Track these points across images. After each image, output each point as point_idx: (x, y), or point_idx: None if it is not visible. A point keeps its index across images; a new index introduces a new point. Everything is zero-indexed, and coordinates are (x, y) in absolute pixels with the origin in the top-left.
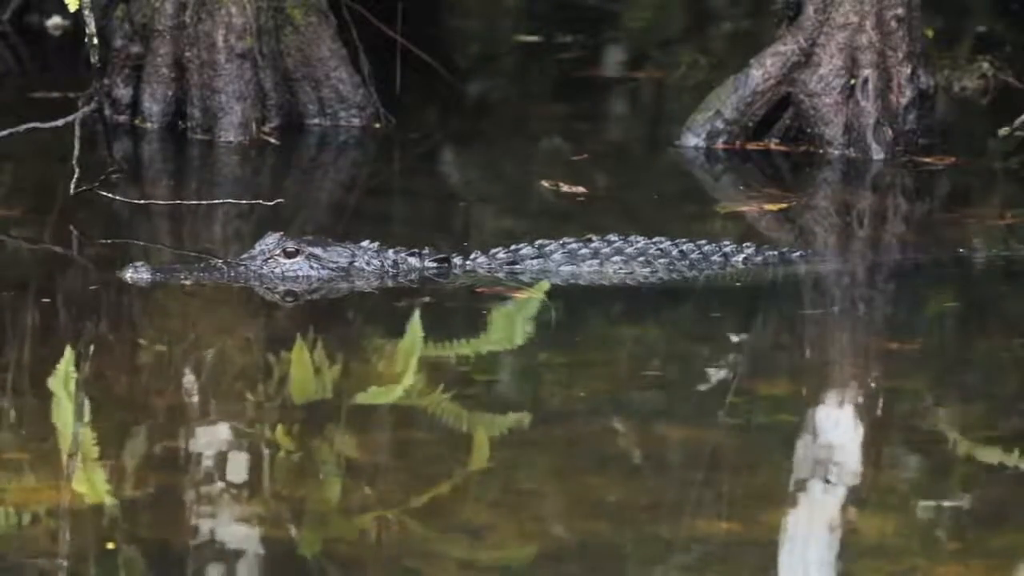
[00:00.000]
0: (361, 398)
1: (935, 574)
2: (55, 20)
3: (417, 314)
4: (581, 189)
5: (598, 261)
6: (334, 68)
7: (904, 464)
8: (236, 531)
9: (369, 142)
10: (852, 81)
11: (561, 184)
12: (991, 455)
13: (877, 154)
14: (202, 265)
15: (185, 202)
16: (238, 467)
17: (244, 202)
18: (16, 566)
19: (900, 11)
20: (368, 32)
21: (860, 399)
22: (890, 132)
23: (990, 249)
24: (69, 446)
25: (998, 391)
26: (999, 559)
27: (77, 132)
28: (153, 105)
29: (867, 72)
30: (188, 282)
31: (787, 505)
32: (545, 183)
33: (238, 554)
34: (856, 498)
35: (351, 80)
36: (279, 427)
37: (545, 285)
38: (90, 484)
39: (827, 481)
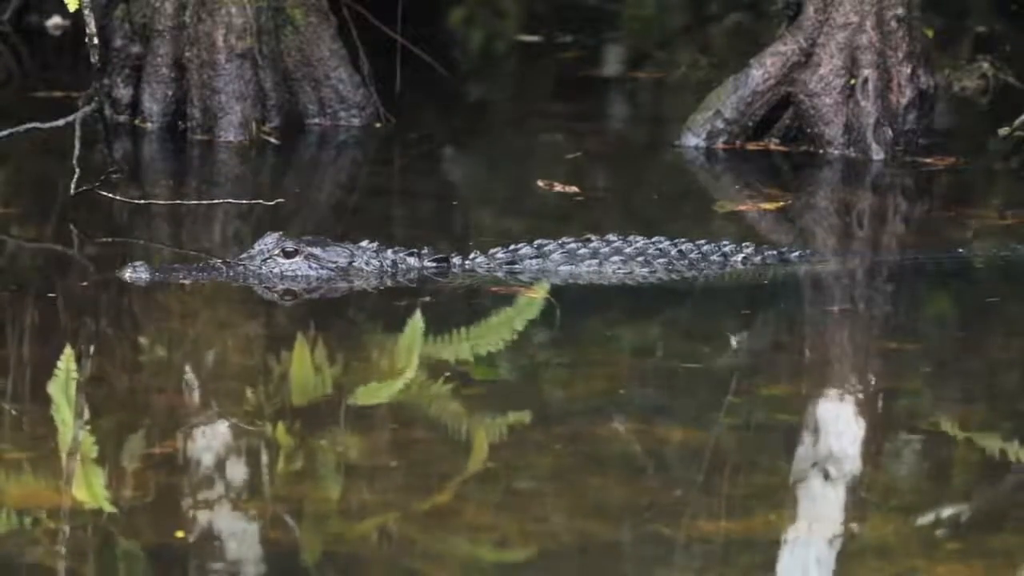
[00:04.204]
0: (361, 395)
1: (935, 574)
2: (55, 20)
3: (417, 313)
4: (574, 189)
5: (597, 261)
6: (334, 68)
7: (904, 464)
8: (236, 531)
9: (369, 142)
10: (852, 81)
11: (555, 184)
12: (991, 455)
13: (877, 154)
14: (201, 265)
15: (185, 202)
16: (238, 467)
17: (244, 202)
18: (16, 566)
19: (900, 11)
20: (368, 32)
21: (860, 399)
22: (890, 132)
23: (990, 249)
24: (69, 446)
25: (998, 391)
26: (999, 559)
27: (77, 132)
28: (153, 105)
29: (867, 72)
30: (187, 282)
31: (787, 505)
32: (540, 183)
33: (238, 554)
34: (856, 498)
35: (351, 80)
36: (279, 427)
37: (546, 285)
38: (89, 484)
39: (827, 481)
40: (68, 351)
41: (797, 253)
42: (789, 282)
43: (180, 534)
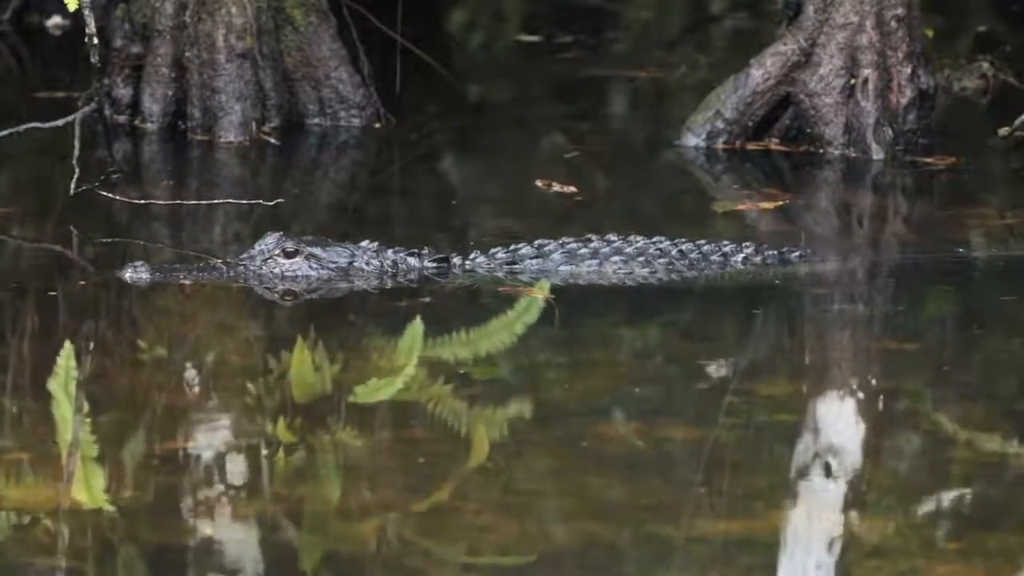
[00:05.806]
0: (361, 394)
1: (935, 574)
2: (55, 20)
3: (418, 313)
4: (573, 188)
5: (597, 261)
6: (334, 68)
7: (904, 464)
8: (236, 531)
9: (369, 142)
10: (852, 81)
11: (553, 183)
12: (991, 455)
13: (877, 154)
14: (201, 265)
15: (185, 202)
16: (238, 467)
17: (244, 202)
18: (16, 566)
19: (900, 11)
20: (368, 32)
21: (860, 399)
22: (890, 132)
23: (990, 249)
24: (69, 445)
25: (998, 391)
26: (999, 559)
27: (77, 132)
28: (153, 105)
29: (867, 72)
30: (187, 282)
31: (787, 505)
32: (539, 182)
33: (238, 554)
34: (856, 498)
35: (351, 80)
36: (279, 426)
37: (546, 285)
38: (89, 484)
39: (827, 481)
40: (68, 350)
41: (797, 253)
42: (789, 282)
43: (183, 535)
